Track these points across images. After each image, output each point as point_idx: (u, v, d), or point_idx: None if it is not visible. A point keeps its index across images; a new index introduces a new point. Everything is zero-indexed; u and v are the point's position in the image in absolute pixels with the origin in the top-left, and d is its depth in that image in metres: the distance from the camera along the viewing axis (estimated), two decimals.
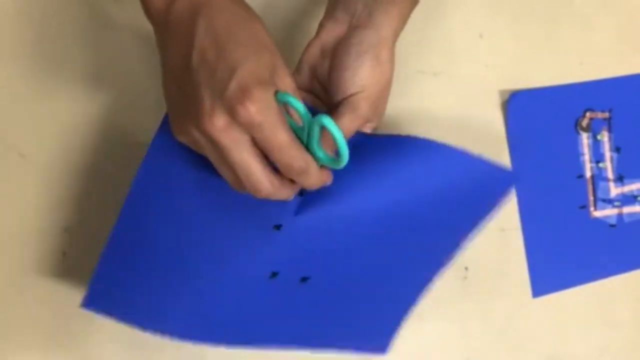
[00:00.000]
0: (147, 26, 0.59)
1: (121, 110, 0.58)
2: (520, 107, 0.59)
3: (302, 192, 0.47)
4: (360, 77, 0.47)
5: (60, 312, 0.55)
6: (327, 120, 0.40)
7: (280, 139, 0.40)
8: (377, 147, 0.49)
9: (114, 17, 0.60)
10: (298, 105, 0.41)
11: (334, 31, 0.49)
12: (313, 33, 0.50)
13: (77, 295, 0.56)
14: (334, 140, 0.40)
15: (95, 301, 0.49)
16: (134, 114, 0.58)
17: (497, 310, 0.58)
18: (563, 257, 0.58)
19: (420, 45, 0.60)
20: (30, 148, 0.57)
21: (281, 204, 0.45)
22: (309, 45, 0.50)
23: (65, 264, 0.56)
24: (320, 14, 0.51)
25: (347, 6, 0.49)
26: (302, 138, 0.43)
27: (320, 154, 0.43)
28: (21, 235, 0.56)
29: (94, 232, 0.56)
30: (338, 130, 0.40)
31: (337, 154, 0.41)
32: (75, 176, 0.57)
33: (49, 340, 0.55)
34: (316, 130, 0.41)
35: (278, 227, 0.46)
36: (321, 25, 0.50)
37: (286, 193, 0.43)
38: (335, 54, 0.49)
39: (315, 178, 0.43)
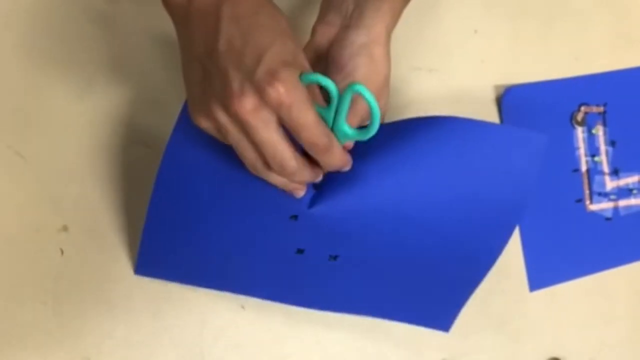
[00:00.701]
0: (146, 25, 0.60)
1: (118, 109, 0.58)
2: (516, 101, 0.59)
3: (316, 187, 0.48)
4: (356, 77, 0.47)
5: (59, 310, 0.56)
6: (359, 87, 0.41)
7: (308, 118, 0.41)
8: (388, 134, 0.49)
9: (111, 17, 0.60)
10: (326, 81, 0.41)
11: (326, 34, 0.50)
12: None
13: (75, 293, 0.56)
14: (367, 104, 0.42)
15: (145, 269, 0.56)
16: (131, 113, 0.58)
17: (495, 304, 0.58)
18: (559, 250, 0.58)
19: (415, 42, 0.60)
20: (28, 147, 0.57)
21: (295, 198, 0.47)
22: (303, 50, 0.50)
23: (63, 262, 0.56)
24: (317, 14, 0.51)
25: (339, 8, 0.50)
26: (326, 119, 0.44)
27: (347, 128, 0.44)
28: (19, 233, 0.56)
29: (91, 230, 0.57)
30: (370, 93, 0.41)
31: (371, 118, 0.43)
32: (72, 175, 0.57)
33: (48, 339, 0.55)
34: (346, 102, 0.42)
35: (294, 217, 0.49)
36: (314, 30, 0.51)
37: (308, 175, 0.44)
38: (329, 57, 0.49)
39: (339, 157, 0.44)
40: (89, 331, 0.56)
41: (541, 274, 0.58)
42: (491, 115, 0.60)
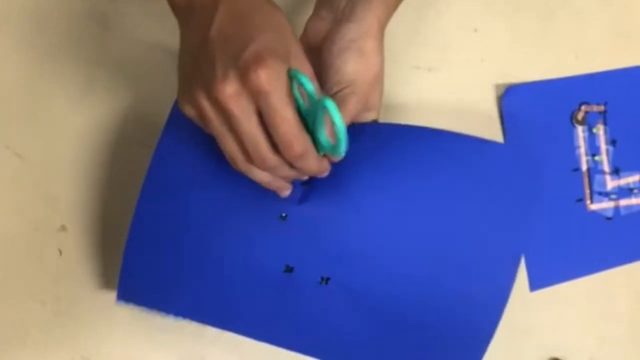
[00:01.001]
0: (145, 26, 0.60)
1: (117, 109, 0.58)
2: (516, 101, 0.59)
3: (306, 182, 0.47)
4: (345, 72, 0.47)
5: (58, 310, 0.56)
6: (329, 103, 0.39)
7: (286, 113, 0.39)
8: (387, 137, 0.48)
9: (111, 17, 0.60)
10: (307, 84, 0.40)
11: (318, 30, 0.49)
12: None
13: (72, 293, 0.56)
14: (332, 125, 0.40)
15: (127, 295, 0.51)
16: (130, 113, 0.58)
17: None
18: (560, 250, 0.58)
19: (415, 41, 0.60)
20: (27, 147, 0.57)
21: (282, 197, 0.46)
22: None
23: (62, 262, 0.56)
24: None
25: (331, 3, 0.49)
26: (308, 124, 0.42)
27: (323, 139, 0.42)
28: (17, 233, 0.56)
29: (90, 230, 0.57)
30: (339, 115, 0.39)
31: (336, 140, 0.41)
32: (70, 175, 0.57)
33: (47, 338, 0.55)
34: (320, 115, 0.41)
35: (284, 217, 0.47)
36: (307, 26, 0.50)
37: (287, 171, 0.43)
38: (321, 52, 0.49)
39: (313, 164, 0.43)
40: (88, 331, 0.56)
41: (541, 274, 0.58)
42: (491, 114, 0.60)
